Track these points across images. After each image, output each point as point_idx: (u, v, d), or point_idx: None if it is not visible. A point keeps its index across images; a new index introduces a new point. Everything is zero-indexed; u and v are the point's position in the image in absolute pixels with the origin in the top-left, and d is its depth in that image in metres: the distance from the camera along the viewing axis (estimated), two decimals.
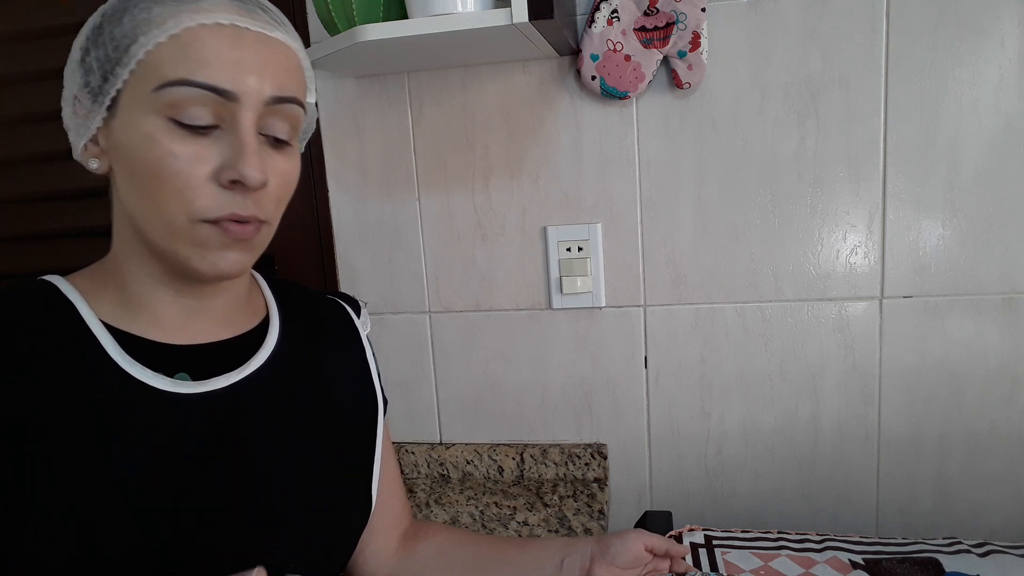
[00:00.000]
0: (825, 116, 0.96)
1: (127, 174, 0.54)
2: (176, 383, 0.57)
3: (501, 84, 1.05)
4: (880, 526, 1.05)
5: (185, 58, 0.50)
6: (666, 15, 0.94)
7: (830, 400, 1.03)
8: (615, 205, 1.05)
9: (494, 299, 1.11)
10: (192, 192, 0.52)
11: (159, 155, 0.51)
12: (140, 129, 0.52)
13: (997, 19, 0.91)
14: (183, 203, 0.52)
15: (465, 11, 0.83)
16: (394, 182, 1.11)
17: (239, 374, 0.61)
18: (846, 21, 0.94)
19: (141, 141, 0.52)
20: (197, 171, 0.52)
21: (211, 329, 0.61)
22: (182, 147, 0.51)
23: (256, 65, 0.53)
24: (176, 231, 0.53)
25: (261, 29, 0.53)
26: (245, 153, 0.52)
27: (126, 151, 0.53)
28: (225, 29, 0.52)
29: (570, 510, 1.04)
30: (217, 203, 0.53)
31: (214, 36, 0.51)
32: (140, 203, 0.54)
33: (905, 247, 0.97)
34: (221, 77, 0.51)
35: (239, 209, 0.53)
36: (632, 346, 1.08)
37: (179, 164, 0.51)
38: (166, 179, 0.52)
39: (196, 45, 0.51)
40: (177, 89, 0.50)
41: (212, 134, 0.52)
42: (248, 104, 0.52)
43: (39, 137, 1.21)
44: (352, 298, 0.79)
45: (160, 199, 0.52)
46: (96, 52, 0.53)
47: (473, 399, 1.15)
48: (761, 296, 1.02)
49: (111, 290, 0.58)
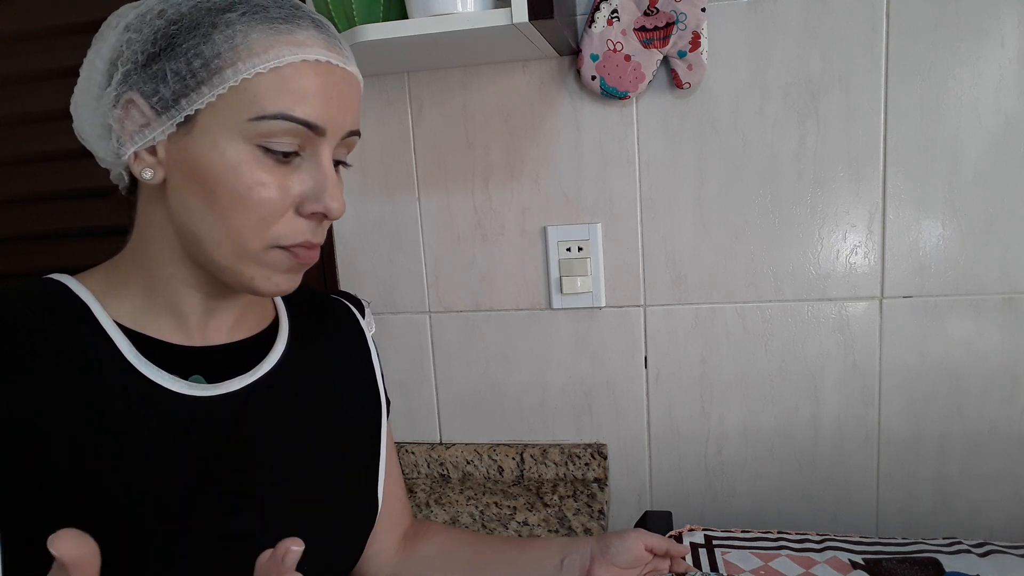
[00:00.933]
0: (825, 116, 0.96)
1: (200, 194, 0.53)
2: (191, 386, 0.57)
3: (501, 84, 1.05)
4: (880, 526, 1.05)
5: (286, 92, 0.51)
6: (666, 15, 0.94)
7: (830, 400, 1.03)
8: (615, 205, 1.05)
9: (494, 299, 1.11)
10: (273, 219, 0.53)
11: (248, 183, 0.52)
12: (226, 154, 0.51)
13: (997, 19, 0.91)
14: (262, 229, 0.53)
15: (465, 11, 0.83)
16: (394, 182, 1.11)
17: (251, 376, 0.61)
18: (846, 21, 0.94)
19: (229, 167, 0.51)
20: (281, 200, 0.53)
21: (225, 330, 0.62)
22: (270, 176, 0.52)
23: (343, 102, 0.55)
24: (247, 254, 0.54)
25: (344, 65, 0.55)
26: (329, 187, 0.54)
27: (203, 171, 0.52)
28: (321, 66, 0.53)
29: (570, 510, 1.04)
30: (294, 231, 0.54)
31: (312, 72, 0.52)
32: (211, 223, 0.53)
33: (905, 247, 0.97)
34: (316, 113, 0.52)
35: (312, 237, 0.55)
36: (632, 346, 1.08)
37: (267, 193, 0.52)
38: (252, 206, 0.52)
39: (296, 80, 0.51)
40: (276, 123, 0.51)
41: (294, 162, 0.53)
42: (332, 138, 0.54)
43: (39, 137, 1.21)
44: (356, 298, 0.79)
45: (239, 223, 0.53)
46: (172, 64, 0.51)
47: (473, 399, 1.15)
48: (761, 296, 1.02)
49: (131, 291, 0.58)
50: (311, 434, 0.64)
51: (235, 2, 0.52)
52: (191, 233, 0.54)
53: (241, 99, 0.51)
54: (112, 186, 0.61)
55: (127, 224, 0.61)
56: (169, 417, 0.55)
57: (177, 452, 0.55)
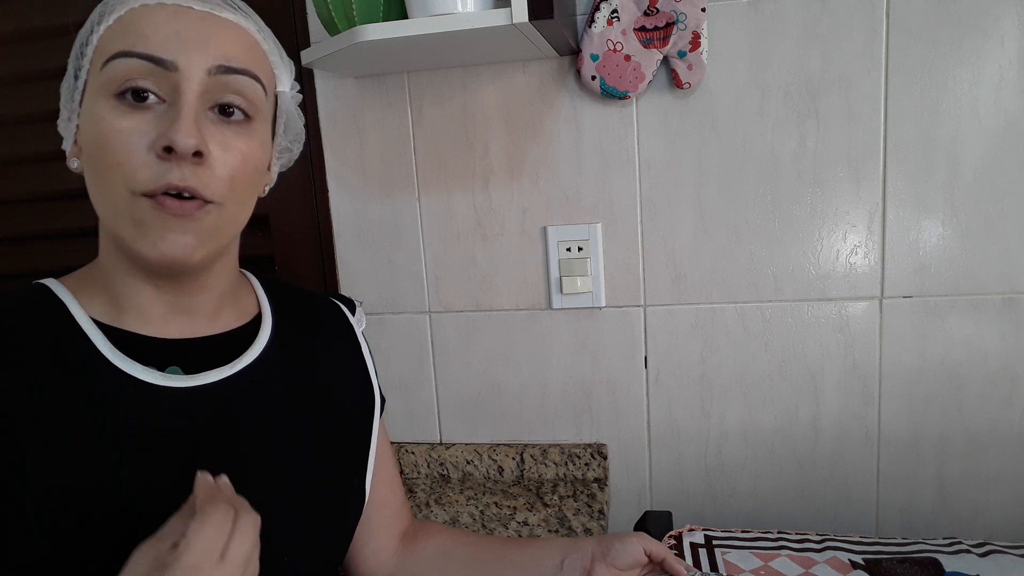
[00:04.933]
0: (825, 116, 0.96)
1: (88, 162, 0.55)
2: (167, 377, 0.57)
3: (501, 84, 1.05)
4: (880, 526, 1.05)
5: (125, 33, 0.53)
6: (666, 15, 0.94)
7: (830, 400, 1.03)
8: (615, 205, 1.05)
9: (494, 299, 1.11)
10: (130, 164, 0.52)
11: (104, 131, 0.52)
12: (92, 112, 0.53)
13: (997, 19, 0.91)
14: (122, 176, 0.52)
15: (465, 11, 0.83)
16: (394, 182, 1.11)
17: (231, 368, 0.61)
18: (846, 21, 0.94)
19: (94, 123, 0.53)
20: (136, 142, 0.52)
21: (199, 325, 0.61)
22: (125, 121, 0.52)
23: (198, 37, 0.53)
24: (119, 209, 0.53)
25: (207, 9, 0.55)
26: (179, 119, 0.51)
27: (84, 138, 0.55)
28: (167, 8, 0.53)
29: (570, 510, 1.04)
30: (153, 174, 0.51)
31: (155, 13, 0.53)
32: (92, 185, 0.55)
33: (905, 247, 0.97)
34: (159, 47, 0.52)
35: (175, 180, 0.51)
36: (632, 346, 1.08)
37: (120, 137, 0.52)
38: (107, 153, 0.52)
39: (137, 21, 0.53)
40: (118, 62, 0.52)
41: (156, 109, 0.53)
42: (189, 74, 0.53)
43: (39, 137, 1.20)
44: (348, 298, 0.79)
45: (104, 175, 0.53)
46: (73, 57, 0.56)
47: (473, 399, 1.15)
48: (761, 296, 1.02)
49: (100, 289, 0.59)
50: (296, 426, 0.64)
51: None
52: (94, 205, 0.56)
53: (97, 56, 0.54)
54: None
55: None
56: (146, 409, 0.55)
57: (155, 443, 0.55)
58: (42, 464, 0.51)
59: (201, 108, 0.53)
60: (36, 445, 0.51)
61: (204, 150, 0.52)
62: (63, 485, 0.51)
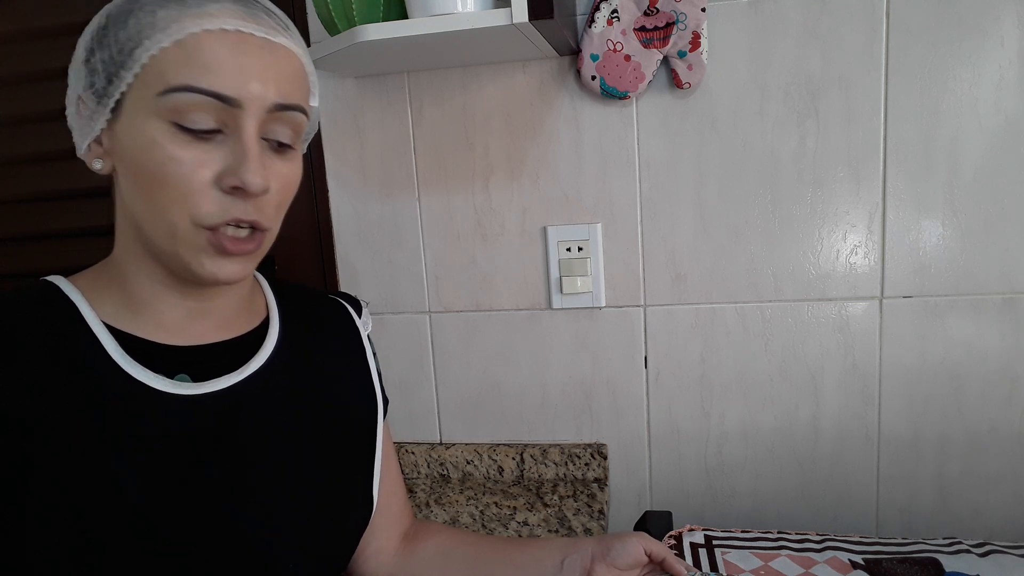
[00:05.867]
0: (825, 116, 0.96)
1: (130, 177, 0.54)
2: (177, 384, 0.57)
3: (501, 84, 1.05)
4: (880, 526, 1.05)
5: (189, 64, 0.51)
6: (666, 15, 0.94)
7: (830, 400, 1.03)
8: (615, 205, 1.05)
9: (494, 299, 1.11)
10: (194, 197, 0.52)
11: (162, 159, 0.51)
12: (143, 133, 0.52)
13: (997, 19, 0.91)
14: (185, 208, 0.52)
15: (465, 11, 0.83)
16: (394, 182, 1.11)
17: (239, 375, 0.61)
18: (846, 21, 0.94)
19: (144, 145, 0.52)
20: (200, 176, 0.52)
21: (213, 330, 0.61)
22: (185, 152, 0.52)
23: (260, 72, 0.53)
24: (178, 235, 0.53)
25: (265, 35, 0.53)
26: (248, 160, 0.52)
27: (129, 154, 0.53)
28: (229, 35, 0.52)
29: (570, 510, 1.04)
30: (219, 208, 0.53)
31: (218, 42, 0.51)
32: (143, 206, 0.54)
33: (905, 247, 0.97)
34: (225, 84, 0.51)
35: (240, 214, 0.54)
36: (632, 346, 1.08)
37: (182, 169, 0.52)
38: (168, 183, 0.52)
39: (200, 51, 0.51)
40: (181, 95, 0.51)
41: (215, 139, 0.53)
42: (251, 111, 0.53)
43: (39, 137, 1.21)
44: (353, 298, 0.79)
45: (163, 203, 0.53)
46: (101, 54, 0.53)
47: (473, 399, 1.15)
48: (761, 296, 1.02)
49: (114, 291, 0.58)
50: (303, 431, 0.64)
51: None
52: (136, 220, 0.56)
53: (151, 76, 0.51)
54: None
55: None
56: (154, 416, 0.55)
57: (163, 450, 0.55)
58: (47, 467, 0.51)
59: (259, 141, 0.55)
60: (41, 447, 0.51)
61: (269, 188, 0.54)
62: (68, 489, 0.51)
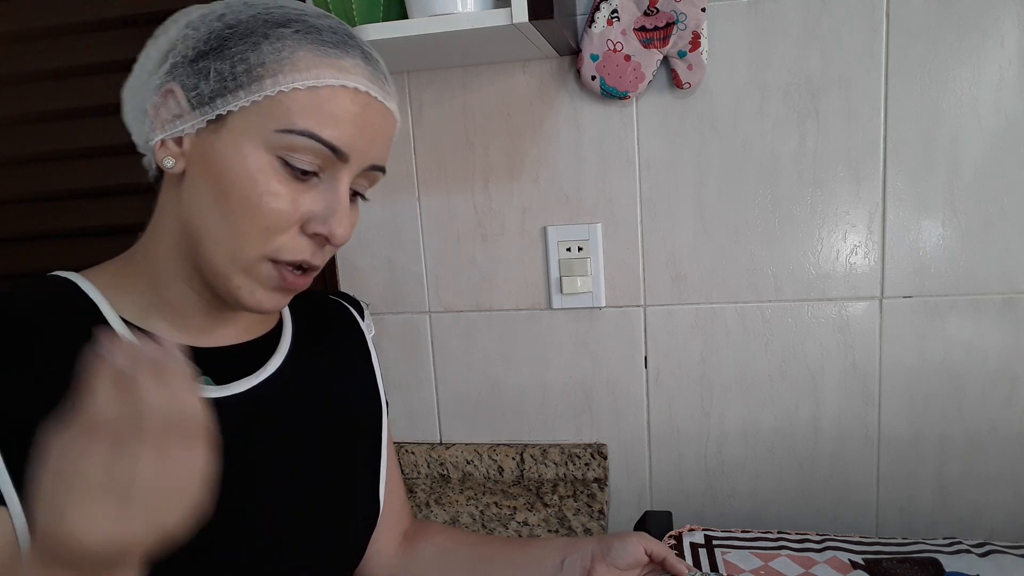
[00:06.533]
0: (825, 116, 0.96)
1: (210, 191, 0.53)
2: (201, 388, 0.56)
3: (501, 84, 1.05)
4: (880, 526, 1.05)
5: (319, 113, 0.52)
6: (666, 15, 0.94)
7: (830, 400, 1.03)
8: (615, 205, 1.05)
9: (494, 299, 1.11)
10: (279, 235, 0.53)
11: (262, 191, 0.52)
12: (249, 159, 0.52)
13: (997, 19, 0.91)
14: (265, 241, 0.53)
15: (465, 11, 0.83)
16: (394, 182, 1.11)
17: (256, 378, 0.61)
18: (846, 21, 0.94)
19: (247, 171, 0.52)
20: (290, 216, 0.53)
21: (232, 334, 0.62)
22: (284, 188, 0.52)
23: (373, 135, 0.55)
24: (241, 260, 0.54)
25: (383, 100, 0.55)
26: (338, 213, 0.54)
27: (221, 170, 0.53)
28: (360, 95, 0.53)
29: (570, 510, 1.04)
30: (294, 247, 0.54)
31: (349, 100, 0.53)
32: (215, 222, 0.53)
33: (905, 247, 0.97)
34: (343, 139, 0.53)
35: (311, 258, 0.55)
36: (632, 346, 1.08)
37: (277, 203, 0.52)
38: (259, 215, 0.52)
39: (333, 104, 0.52)
40: (301, 139, 0.52)
41: (311, 181, 0.54)
42: (353, 166, 0.55)
43: (39, 137, 1.20)
44: (354, 299, 0.79)
45: (243, 228, 0.53)
46: (217, 64, 0.52)
47: (473, 399, 1.15)
48: (761, 296, 1.02)
49: (138, 289, 0.58)
50: (313, 435, 0.64)
51: (292, 19, 0.53)
52: (196, 229, 0.54)
53: (274, 110, 0.52)
54: (111, 186, 0.61)
55: (134, 223, 0.61)
56: None
57: None
58: None
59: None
60: None
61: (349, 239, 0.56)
62: None
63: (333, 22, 0.55)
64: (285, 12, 0.54)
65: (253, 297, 0.55)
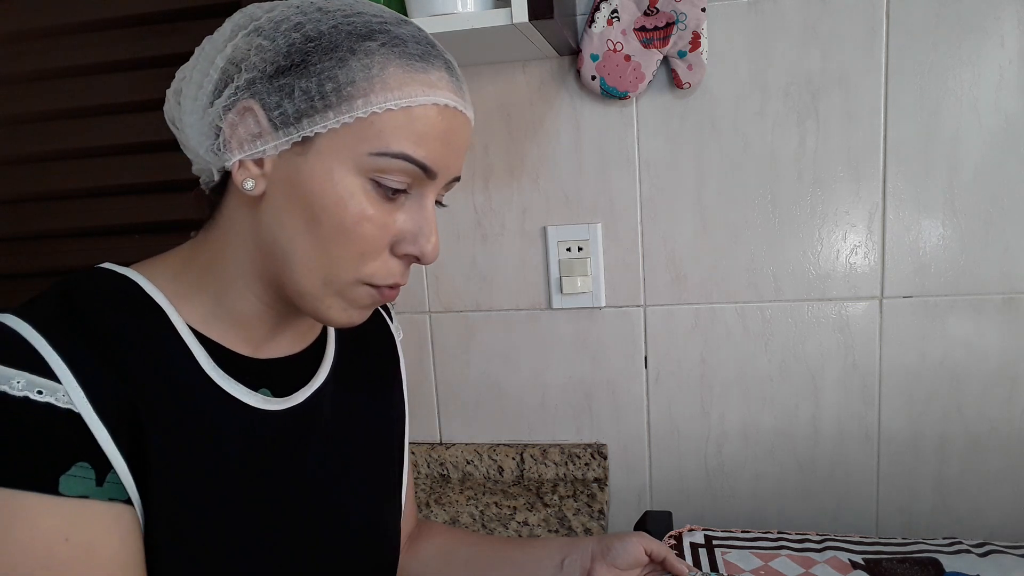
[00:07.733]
0: (825, 116, 0.96)
1: (303, 216, 0.51)
2: (264, 399, 0.56)
3: (501, 84, 1.05)
4: (880, 526, 1.04)
5: (412, 134, 0.50)
6: (666, 15, 0.94)
7: (830, 400, 1.03)
8: (615, 205, 1.05)
9: (494, 299, 1.11)
10: (373, 259, 0.52)
11: (357, 215, 0.50)
12: (342, 183, 0.50)
13: (997, 19, 0.91)
14: (358, 264, 0.52)
15: (465, 11, 0.83)
16: None
17: (310, 388, 0.60)
18: (846, 21, 0.94)
19: (340, 196, 0.50)
20: (383, 240, 0.52)
21: (286, 344, 0.61)
22: (376, 210, 0.51)
23: (459, 148, 0.55)
24: (335, 284, 0.53)
25: (464, 109, 0.55)
26: (426, 231, 0.54)
27: (311, 195, 0.50)
28: (448, 110, 0.52)
29: (570, 510, 1.04)
30: (387, 271, 0.53)
31: (439, 116, 0.52)
32: (306, 247, 0.51)
33: (905, 247, 0.97)
34: (433, 157, 0.52)
35: (400, 279, 0.55)
36: (632, 346, 1.08)
37: (369, 228, 0.51)
38: (354, 240, 0.51)
39: (425, 123, 0.51)
40: (396, 162, 0.50)
41: (399, 199, 0.52)
42: (441, 182, 0.54)
43: (39, 137, 1.21)
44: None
45: (337, 254, 0.51)
46: (302, 81, 0.49)
47: (473, 399, 1.15)
48: (761, 296, 1.02)
49: (203, 297, 0.55)
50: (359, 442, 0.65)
51: (376, 31, 0.50)
52: (281, 252, 0.52)
53: (366, 131, 0.49)
54: (111, 186, 0.60)
55: (134, 222, 0.60)
56: (245, 428, 0.54)
57: (253, 465, 0.54)
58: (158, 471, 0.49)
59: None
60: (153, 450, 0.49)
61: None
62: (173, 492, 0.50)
63: (413, 29, 0.53)
64: (367, 21, 0.50)
65: (345, 315, 0.55)
